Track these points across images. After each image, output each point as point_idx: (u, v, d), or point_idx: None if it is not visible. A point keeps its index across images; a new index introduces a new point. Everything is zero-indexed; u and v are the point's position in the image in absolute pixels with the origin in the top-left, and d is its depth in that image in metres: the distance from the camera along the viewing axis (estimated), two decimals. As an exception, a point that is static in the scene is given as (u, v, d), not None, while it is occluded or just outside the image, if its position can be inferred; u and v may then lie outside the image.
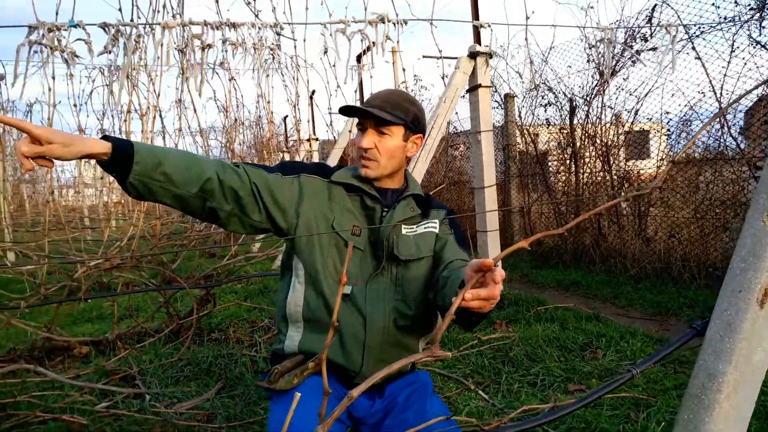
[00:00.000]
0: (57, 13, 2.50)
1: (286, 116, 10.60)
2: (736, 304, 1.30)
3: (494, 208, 3.92)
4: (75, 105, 3.03)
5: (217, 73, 4.09)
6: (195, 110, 3.81)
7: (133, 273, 3.96)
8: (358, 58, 6.45)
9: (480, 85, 3.92)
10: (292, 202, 1.51)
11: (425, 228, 1.59)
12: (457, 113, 7.62)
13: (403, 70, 4.18)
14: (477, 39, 4.12)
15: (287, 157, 8.73)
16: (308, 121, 9.02)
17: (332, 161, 6.15)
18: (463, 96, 4.22)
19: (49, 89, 2.67)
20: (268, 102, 3.82)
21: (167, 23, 2.52)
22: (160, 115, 4.32)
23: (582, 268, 5.00)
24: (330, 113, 6.14)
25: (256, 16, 2.80)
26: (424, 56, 4.96)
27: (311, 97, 7.95)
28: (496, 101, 6.61)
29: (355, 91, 6.59)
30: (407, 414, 1.47)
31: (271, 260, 5.96)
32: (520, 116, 6.32)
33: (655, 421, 2.01)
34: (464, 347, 2.93)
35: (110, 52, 2.58)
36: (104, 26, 2.64)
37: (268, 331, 3.36)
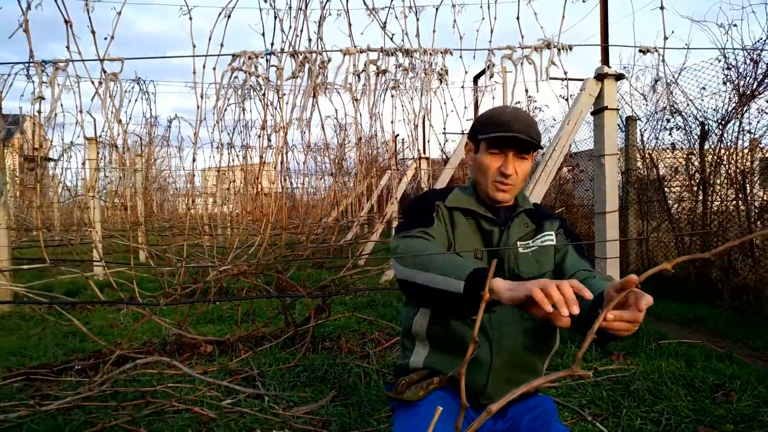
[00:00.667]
0: (210, 39, 2.75)
1: (397, 135, 10.81)
2: None
3: (615, 235, 3.76)
4: (218, 122, 3.30)
5: (338, 92, 4.30)
6: (323, 128, 4.00)
7: (254, 279, 4.21)
8: (475, 80, 6.48)
9: (606, 108, 3.80)
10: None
11: (542, 242, 1.57)
12: (594, 131, 7.40)
13: (526, 91, 4.15)
14: (605, 60, 4.01)
15: (398, 180, 8.87)
16: (423, 141, 9.14)
17: (443, 181, 6.18)
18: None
19: (198, 107, 2.94)
20: (392, 122, 3.93)
21: (348, 50, 2.69)
22: (285, 133, 4.60)
23: (708, 302, 4.64)
24: (444, 133, 6.18)
25: (391, 39, 2.92)
26: (549, 78, 4.88)
27: (424, 117, 8.06)
28: (617, 124, 6.35)
29: (463, 107, 6.59)
30: None
31: (380, 275, 6.08)
32: (642, 140, 6.02)
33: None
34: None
35: (297, 76, 2.80)
36: (293, 54, 2.88)
37: (378, 343, 3.42)
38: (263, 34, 2.85)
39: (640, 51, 3.73)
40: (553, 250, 1.57)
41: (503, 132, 1.48)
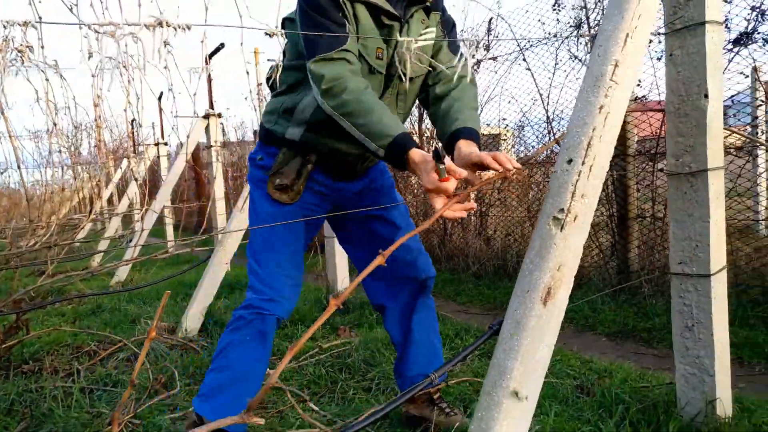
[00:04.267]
0: None
1: (134, 119, 9.90)
2: (524, 303, 1.37)
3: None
4: None
5: (43, 71, 3.67)
6: (2, 111, 3.34)
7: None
8: (206, 60, 6.15)
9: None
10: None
11: (426, 33, 1.70)
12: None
13: (247, 73, 4.03)
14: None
15: (133, 164, 8.13)
16: (161, 125, 8.48)
17: (178, 167, 5.78)
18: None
19: None
20: (95, 105, 3.48)
21: None
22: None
23: (431, 268, 5.18)
24: (176, 117, 5.78)
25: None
26: (268, 60, 4.85)
27: (159, 100, 7.48)
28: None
29: (194, 94, 6.27)
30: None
31: (111, 275, 5.51)
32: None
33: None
34: (303, 357, 2.88)
35: None
36: None
37: (92, 356, 3.07)
38: None
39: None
40: (431, 45, 1.71)
41: None
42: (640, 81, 3.57)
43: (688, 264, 1.69)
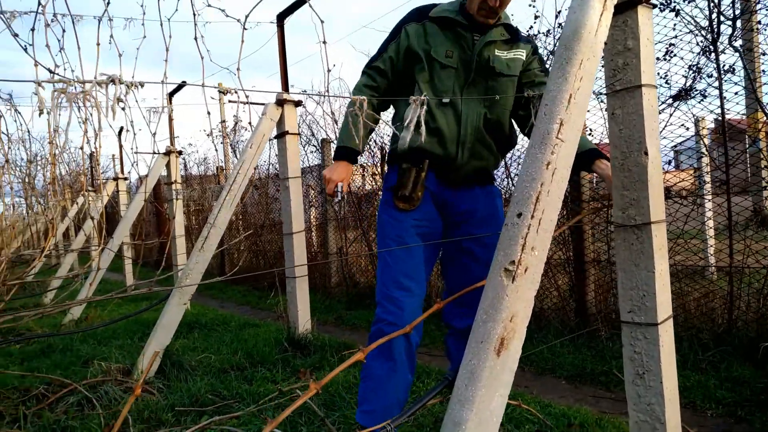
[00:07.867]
0: None
1: (92, 153, 9.75)
2: (478, 354, 1.39)
3: (303, 255, 3.91)
4: None
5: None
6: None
7: None
8: (170, 97, 6.18)
9: (287, 132, 3.94)
10: (402, 55, 2.09)
11: (515, 54, 2.07)
12: (278, 155, 7.62)
13: (208, 113, 4.05)
14: (285, 87, 4.16)
15: (92, 197, 7.99)
16: (120, 160, 8.35)
17: (135, 208, 5.70)
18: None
19: None
20: (50, 142, 3.43)
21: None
22: None
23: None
24: (136, 153, 5.72)
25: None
26: (230, 101, 4.87)
27: (119, 135, 7.40)
28: (314, 146, 6.77)
29: (154, 134, 6.26)
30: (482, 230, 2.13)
31: (64, 314, 5.33)
32: (337, 160, 6.49)
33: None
34: (263, 401, 2.83)
35: None
36: None
37: (42, 399, 2.95)
38: None
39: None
40: (522, 63, 2.08)
41: None
42: (592, 130, 3.72)
43: (637, 313, 1.74)
